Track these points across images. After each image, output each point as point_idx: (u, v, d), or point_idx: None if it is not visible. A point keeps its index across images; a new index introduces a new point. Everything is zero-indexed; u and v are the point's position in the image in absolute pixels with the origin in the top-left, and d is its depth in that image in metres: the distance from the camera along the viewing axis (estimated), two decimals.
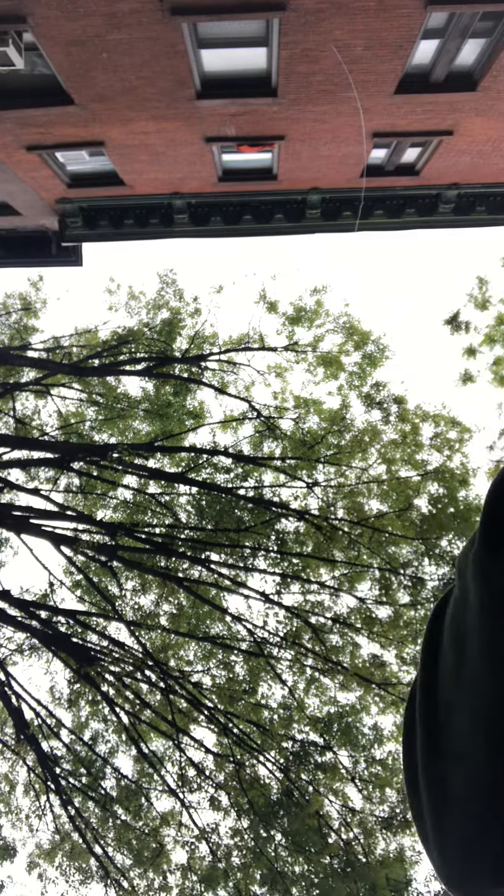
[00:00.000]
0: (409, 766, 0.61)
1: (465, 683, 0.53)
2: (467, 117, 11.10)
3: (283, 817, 12.85)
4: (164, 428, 16.98)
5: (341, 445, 15.31)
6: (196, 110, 10.65)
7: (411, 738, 0.62)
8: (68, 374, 16.48)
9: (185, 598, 14.73)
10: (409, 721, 0.63)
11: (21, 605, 14.02)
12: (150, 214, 15.04)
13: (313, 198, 14.52)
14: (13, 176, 12.95)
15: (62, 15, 8.30)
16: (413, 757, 0.60)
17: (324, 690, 13.71)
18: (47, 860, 13.74)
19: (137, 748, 13.42)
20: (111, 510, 16.45)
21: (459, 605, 0.57)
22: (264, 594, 13.79)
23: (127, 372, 16.48)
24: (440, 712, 0.56)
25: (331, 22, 8.52)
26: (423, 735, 0.58)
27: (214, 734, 13.46)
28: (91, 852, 13.16)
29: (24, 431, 16.84)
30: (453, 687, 0.55)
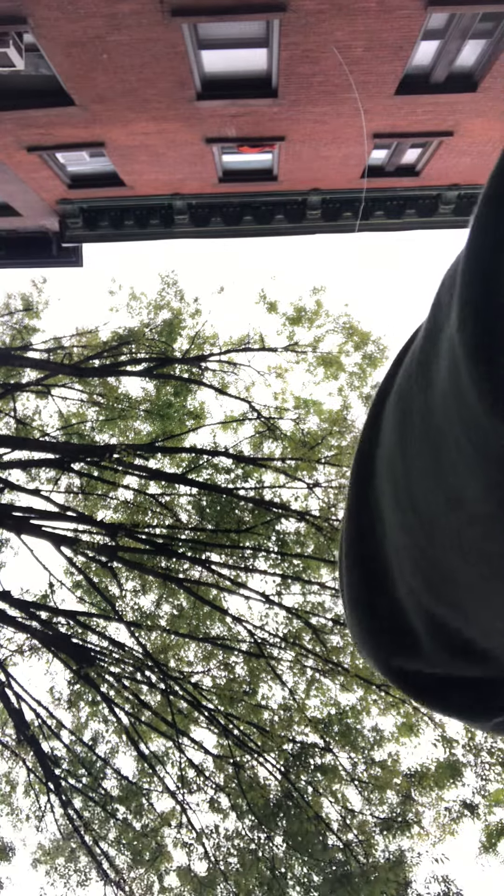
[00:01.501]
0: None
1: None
2: (468, 118, 11.10)
3: (282, 819, 12.84)
4: (165, 428, 16.98)
5: (342, 446, 15.30)
6: (196, 111, 10.65)
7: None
8: (69, 375, 16.48)
9: (185, 599, 14.73)
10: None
11: (21, 605, 14.02)
12: (151, 215, 15.04)
13: (314, 199, 14.52)
14: (14, 177, 12.96)
15: (62, 16, 8.31)
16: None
17: (324, 691, 13.70)
18: (47, 860, 13.74)
19: (137, 749, 13.42)
20: (111, 511, 16.45)
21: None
22: (265, 595, 13.78)
23: (128, 372, 16.49)
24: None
25: (331, 23, 8.53)
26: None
27: (214, 735, 13.46)
28: (91, 853, 13.15)
29: (25, 432, 16.85)
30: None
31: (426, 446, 0.41)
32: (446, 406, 0.36)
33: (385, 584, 0.51)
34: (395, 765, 12.94)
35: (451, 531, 0.40)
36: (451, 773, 12.53)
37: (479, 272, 0.32)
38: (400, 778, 12.79)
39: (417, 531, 0.44)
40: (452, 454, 0.37)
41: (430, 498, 0.41)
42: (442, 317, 0.39)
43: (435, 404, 0.39)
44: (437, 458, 0.39)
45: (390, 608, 0.51)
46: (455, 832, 12.60)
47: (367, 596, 0.53)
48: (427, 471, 0.41)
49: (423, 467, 0.42)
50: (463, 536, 0.39)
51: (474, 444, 0.33)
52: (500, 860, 12.83)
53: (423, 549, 0.44)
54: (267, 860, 12.78)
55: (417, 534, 0.44)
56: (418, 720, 12.94)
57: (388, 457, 0.48)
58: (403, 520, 0.46)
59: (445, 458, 0.38)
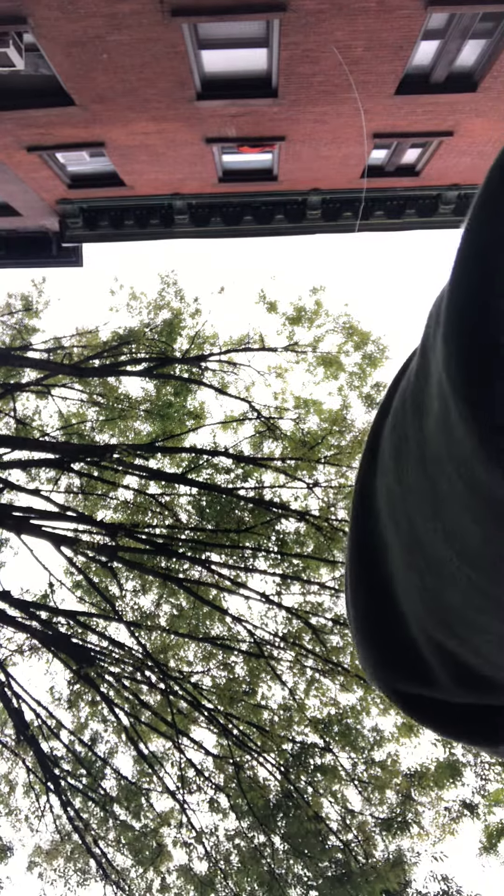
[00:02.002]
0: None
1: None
2: (468, 118, 11.10)
3: (282, 819, 12.83)
4: (165, 428, 16.98)
5: (342, 446, 15.30)
6: (196, 111, 10.65)
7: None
8: (69, 375, 16.48)
9: (185, 599, 14.72)
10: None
11: (21, 605, 14.01)
12: (151, 215, 15.04)
13: (314, 198, 14.52)
14: (14, 177, 12.95)
15: (63, 16, 8.31)
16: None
17: (324, 691, 13.70)
18: (47, 860, 13.73)
19: (137, 749, 13.41)
20: (111, 511, 16.45)
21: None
22: (264, 595, 13.78)
23: (128, 372, 16.48)
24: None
25: (331, 23, 8.52)
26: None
27: (214, 735, 13.45)
28: (90, 853, 13.15)
29: (25, 432, 16.84)
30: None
31: (422, 476, 0.41)
32: (438, 439, 0.36)
33: (394, 615, 0.50)
34: (395, 765, 12.93)
35: (448, 564, 0.40)
36: (451, 772, 12.53)
37: (462, 309, 0.31)
38: (400, 778, 12.79)
39: (419, 560, 0.44)
40: (445, 487, 0.37)
41: (428, 527, 0.41)
42: (430, 352, 0.39)
43: (429, 435, 0.39)
44: (433, 488, 0.39)
45: (401, 639, 0.50)
46: (455, 832, 12.60)
47: (376, 627, 0.53)
48: (423, 500, 0.41)
49: (419, 497, 0.41)
50: (459, 571, 0.39)
51: (464, 481, 0.33)
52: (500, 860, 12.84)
53: (425, 580, 0.44)
54: (267, 860, 12.77)
55: (419, 563, 0.44)
56: None
57: (387, 485, 0.48)
58: (405, 548, 0.46)
59: (440, 489, 0.38)
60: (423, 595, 0.45)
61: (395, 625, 0.50)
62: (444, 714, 0.51)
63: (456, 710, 0.50)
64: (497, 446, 0.29)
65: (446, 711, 0.50)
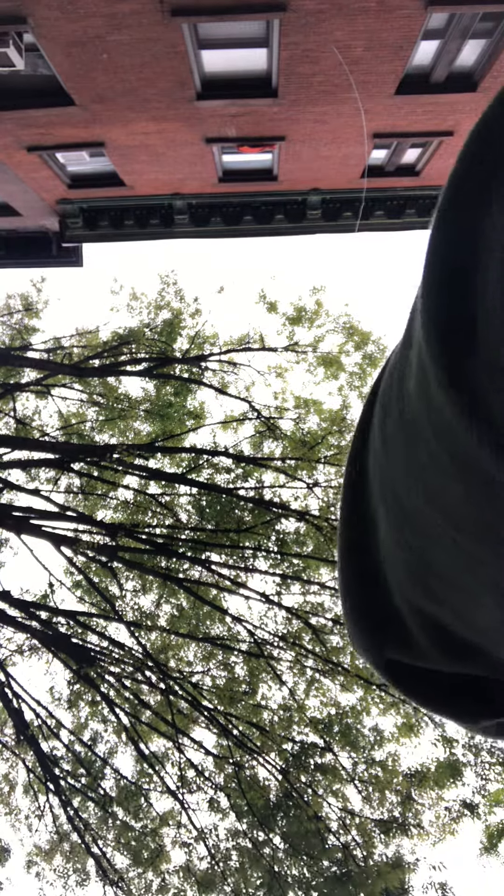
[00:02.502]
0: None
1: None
2: (468, 118, 11.10)
3: (282, 819, 12.83)
4: (165, 428, 16.98)
5: (342, 446, 15.30)
6: (196, 111, 10.65)
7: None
8: (69, 375, 16.48)
9: (185, 599, 14.72)
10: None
11: (21, 605, 14.01)
12: (151, 215, 15.04)
13: (314, 198, 14.52)
14: (14, 176, 12.95)
15: (62, 16, 8.31)
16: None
17: (324, 691, 13.70)
18: (46, 861, 13.73)
19: (137, 749, 13.41)
20: (111, 510, 16.45)
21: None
22: (264, 595, 13.78)
23: (128, 372, 16.48)
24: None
25: (331, 23, 8.52)
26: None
27: (214, 735, 13.45)
28: (90, 853, 13.15)
29: (25, 432, 16.84)
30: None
31: (405, 442, 0.42)
32: (419, 406, 0.37)
33: (378, 581, 0.52)
34: (395, 765, 12.93)
35: (434, 526, 0.41)
36: (451, 772, 12.53)
37: (436, 281, 0.32)
38: (400, 778, 12.79)
39: (404, 526, 0.46)
40: (425, 452, 0.38)
41: (412, 493, 0.42)
42: (413, 322, 0.40)
43: (411, 403, 0.40)
44: (416, 454, 0.40)
45: (384, 605, 0.52)
46: (455, 832, 12.60)
47: (362, 592, 0.55)
48: (408, 468, 0.42)
49: (404, 464, 0.43)
50: (444, 532, 0.40)
51: (444, 446, 0.34)
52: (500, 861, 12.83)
53: (410, 545, 0.45)
54: (267, 860, 12.78)
55: (404, 529, 0.46)
56: (418, 720, 12.94)
57: (377, 462, 0.50)
58: (391, 515, 0.47)
59: (421, 454, 0.39)
60: (408, 562, 0.47)
61: (381, 596, 0.52)
62: (430, 686, 0.52)
63: (443, 683, 0.51)
64: (474, 413, 0.29)
65: (433, 684, 0.52)
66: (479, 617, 0.42)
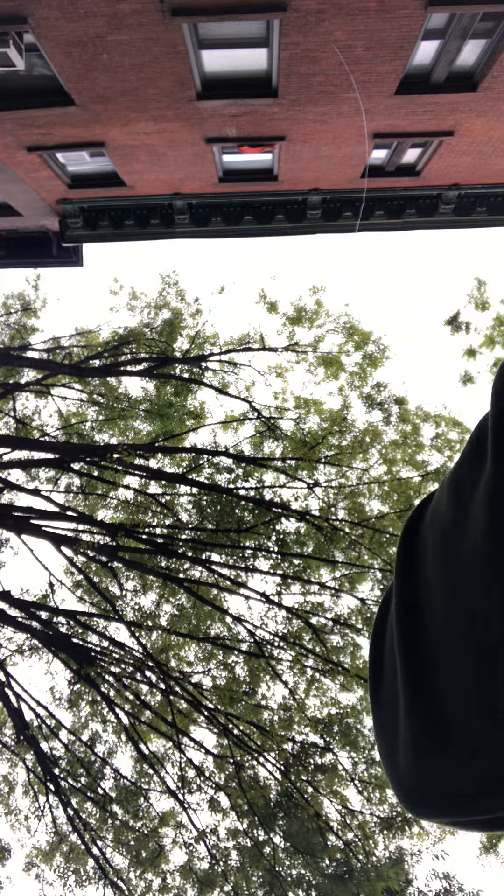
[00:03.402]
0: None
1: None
2: (468, 118, 11.10)
3: (282, 819, 12.83)
4: (165, 428, 16.98)
5: (342, 446, 15.30)
6: (197, 111, 10.65)
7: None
8: (69, 375, 16.48)
9: (185, 599, 14.72)
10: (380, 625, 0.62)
11: (21, 605, 14.01)
12: (151, 215, 15.04)
13: (314, 198, 14.52)
14: (14, 176, 12.96)
15: (63, 16, 8.31)
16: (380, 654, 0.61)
17: (324, 691, 13.70)
18: (45, 861, 13.73)
19: (137, 749, 13.41)
20: (112, 510, 16.45)
21: (451, 528, 0.52)
22: (265, 595, 13.78)
23: (128, 372, 16.48)
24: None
25: (331, 22, 8.52)
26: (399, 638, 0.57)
27: (214, 735, 13.45)
28: (89, 853, 13.15)
29: (25, 432, 16.84)
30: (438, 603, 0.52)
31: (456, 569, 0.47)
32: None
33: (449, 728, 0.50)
34: None
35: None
36: None
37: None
38: None
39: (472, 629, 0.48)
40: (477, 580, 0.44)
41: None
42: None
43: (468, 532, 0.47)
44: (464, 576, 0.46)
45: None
46: (455, 832, 12.60)
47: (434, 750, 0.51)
48: (476, 574, 0.47)
49: (471, 573, 0.47)
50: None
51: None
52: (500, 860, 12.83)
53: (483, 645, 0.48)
54: (267, 859, 12.78)
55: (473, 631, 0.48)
56: None
57: (435, 577, 0.53)
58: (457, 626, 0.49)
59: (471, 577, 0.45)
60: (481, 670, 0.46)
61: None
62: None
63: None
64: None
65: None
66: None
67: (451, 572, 0.50)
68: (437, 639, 0.50)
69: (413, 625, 0.53)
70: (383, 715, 0.57)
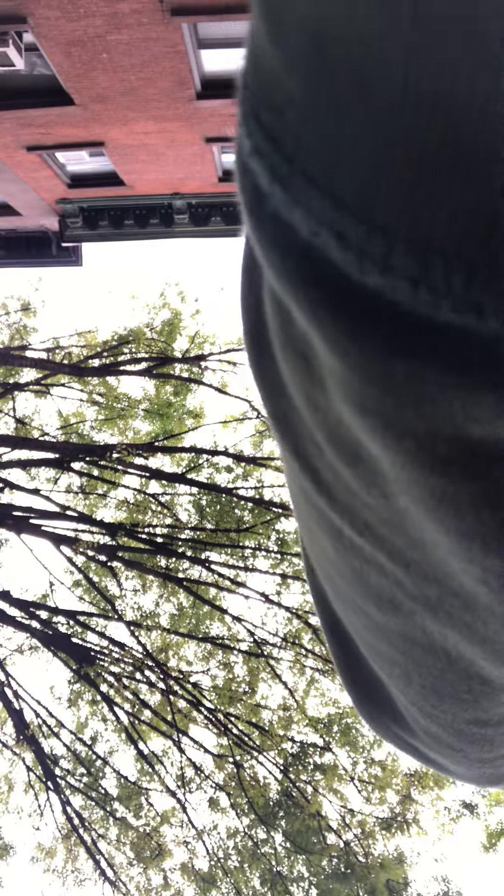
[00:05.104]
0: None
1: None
2: None
3: (282, 818, 12.86)
4: (165, 428, 16.99)
5: None
6: (196, 111, 10.66)
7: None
8: (69, 375, 16.49)
9: (185, 599, 14.74)
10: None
11: (21, 605, 14.03)
12: (151, 215, 15.04)
13: None
14: (13, 176, 12.96)
15: (62, 15, 8.31)
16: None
17: (324, 691, 13.72)
18: (45, 859, 13.75)
19: (137, 748, 13.43)
20: (111, 510, 16.46)
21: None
22: (265, 594, 13.80)
23: (127, 372, 16.49)
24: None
25: None
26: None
27: (214, 735, 13.47)
28: (89, 852, 13.17)
29: (25, 431, 16.84)
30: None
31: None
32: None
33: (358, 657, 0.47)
34: (395, 764, 12.95)
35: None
36: None
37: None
38: (400, 777, 12.80)
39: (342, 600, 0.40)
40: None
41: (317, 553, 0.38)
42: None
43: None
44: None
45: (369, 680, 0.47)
46: (454, 832, 12.63)
47: (349, 671, 0.50)
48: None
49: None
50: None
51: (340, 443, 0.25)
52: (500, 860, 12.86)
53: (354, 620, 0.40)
54: (267, 857, 12.80)
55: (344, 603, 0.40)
56: None
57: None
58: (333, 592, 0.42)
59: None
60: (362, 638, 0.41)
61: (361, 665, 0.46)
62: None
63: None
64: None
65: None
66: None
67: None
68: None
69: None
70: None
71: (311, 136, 0.17)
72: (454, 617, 0.27)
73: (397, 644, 0.33)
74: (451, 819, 12.65)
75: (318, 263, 0.18)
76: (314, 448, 0.27)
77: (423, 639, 0.30)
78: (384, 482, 0.23)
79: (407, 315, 0.17)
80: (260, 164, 0.19)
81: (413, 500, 0.22)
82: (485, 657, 0.29)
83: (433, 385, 0.18)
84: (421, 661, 0.32)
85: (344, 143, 0.17)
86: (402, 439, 0.20)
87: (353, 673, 0.47)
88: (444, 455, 0.20)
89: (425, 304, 0.16)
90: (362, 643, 0.40)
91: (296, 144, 0.18)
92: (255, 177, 0.19)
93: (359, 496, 0.26)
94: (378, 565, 0.28)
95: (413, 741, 0.44)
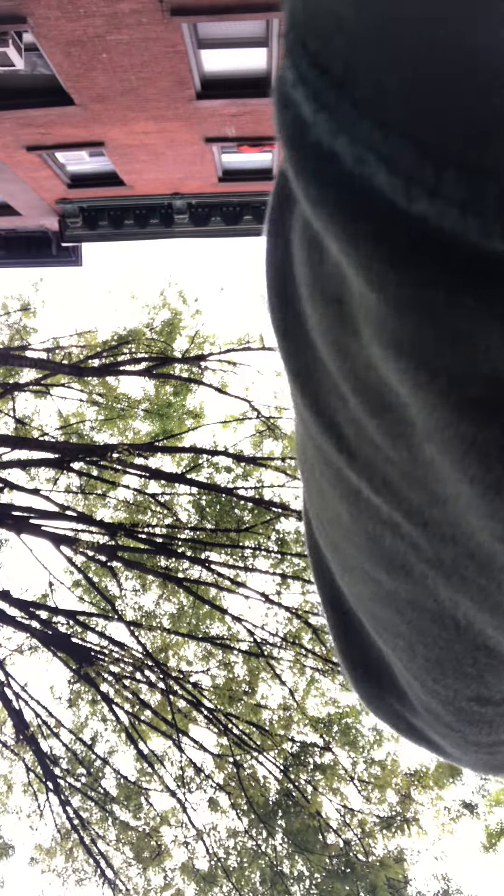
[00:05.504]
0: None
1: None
2: None
3: (282, 817, 12.86)
4: (165, 428, 16.98)
5: None
6: (196, 111, 10.66)
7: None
8: (68, 375, 16.48)
9: (185, 599, 14.74)
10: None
11: (21, 605, 14.03)
12: (151, 215, 15.04)
13: None
14: (13, 176, 12.96)
15: (62, 15, 8.31)
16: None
17: (324, 691, 13.72)
18: (45, 859, 13.75)
19: (137, 748, 13.43)
20: (111, 510, 16.46)
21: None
22: (264, 594, 13.80)
23: (127, 372, 16.49)
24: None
25: None
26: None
27: (214, 734, 13.47)
28: (89, 852, 13.17)
29: (24, 431, 16.84)
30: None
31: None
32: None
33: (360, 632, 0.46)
34: (395, 764, 12.96)
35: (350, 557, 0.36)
36: (451, 772, 12.55)
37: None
38: (399, 777, 12.81)
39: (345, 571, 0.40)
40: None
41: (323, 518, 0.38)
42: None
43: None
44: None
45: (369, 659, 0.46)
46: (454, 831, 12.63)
47: (347, 648, 0.49)
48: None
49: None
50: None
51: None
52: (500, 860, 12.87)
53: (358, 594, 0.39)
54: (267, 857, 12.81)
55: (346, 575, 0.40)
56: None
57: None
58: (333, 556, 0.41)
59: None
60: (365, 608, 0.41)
61: (361, 642, 0.45)
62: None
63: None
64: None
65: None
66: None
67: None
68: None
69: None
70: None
71: (360, 60, 0.17)
72: (468, 580, 0.27)
73: (405, 612, 0.32)
74: (450, 819, 12.66)
75: (362, 191, 0.17)
76: (338, 401, 0.27)
77: (433, 606, 0.30)
78: (411, 432, 0.23)
79: (452, 242, 0.16)
80: (304, 92, 0.19)
81: (439, 450, 0.22)
82: (495, 625, 0.28)
83: (475, 317, 0.17)
84: (427, 630, 0.32)
85: (396, 67, 0.16)
86: (436, 378, 0.19)
87: (353, 650, 0.47)
88: (476, 397, 0.19)
89: (473, 229, 0.16)
90: (367, 616, 0.40)
91: (344, 70, 0.17)
92: (298, 107, 0.19)
93: (382, 450, 0.25)
94: (394, 525, 0.28)
95: (414, 720, 0.44)
